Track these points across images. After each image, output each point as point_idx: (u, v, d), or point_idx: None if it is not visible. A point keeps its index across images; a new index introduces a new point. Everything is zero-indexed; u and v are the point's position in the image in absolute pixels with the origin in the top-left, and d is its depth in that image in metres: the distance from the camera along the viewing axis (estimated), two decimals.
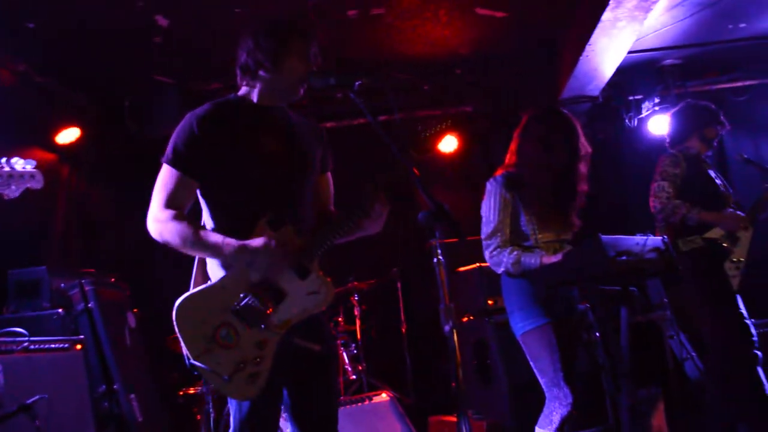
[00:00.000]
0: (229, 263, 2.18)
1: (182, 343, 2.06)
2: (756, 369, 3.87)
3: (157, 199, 2.22)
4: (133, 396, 4.22)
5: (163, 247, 2.24)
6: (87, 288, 4.30)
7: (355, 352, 5.38)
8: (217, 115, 2.28)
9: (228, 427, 4.19)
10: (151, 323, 4.99)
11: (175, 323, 2.07)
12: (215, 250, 2.16)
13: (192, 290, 2.18)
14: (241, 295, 2.13)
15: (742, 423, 4.07)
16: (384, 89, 2.38)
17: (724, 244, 3.97)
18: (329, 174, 2.57)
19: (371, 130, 2.23)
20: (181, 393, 4.74)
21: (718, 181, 4.16)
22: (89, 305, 4.27)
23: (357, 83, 2.27)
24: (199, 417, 4.61)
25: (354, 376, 5.24)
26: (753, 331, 3.94)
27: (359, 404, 4.31)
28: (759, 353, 3.92)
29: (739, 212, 4.02)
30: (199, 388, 4.63)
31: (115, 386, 4.15)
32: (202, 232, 2.18)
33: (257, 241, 2.13)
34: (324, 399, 2.33)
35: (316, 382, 2.31)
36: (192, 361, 2.05)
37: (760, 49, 6.13)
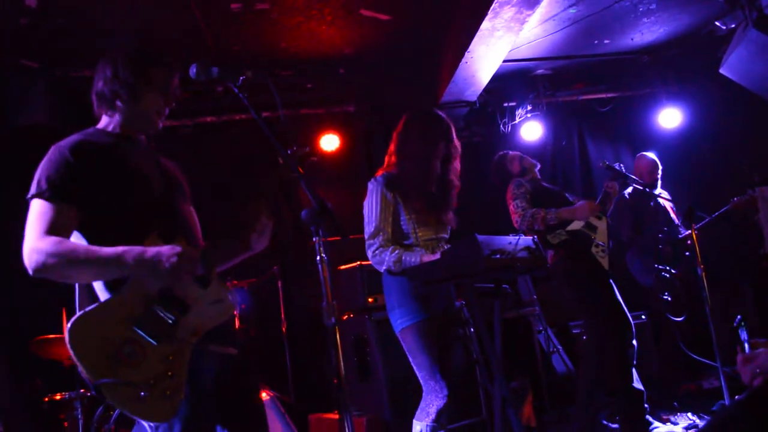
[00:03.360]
0: (127, 275, 2.03)
1: (81, 368, 1.86)
2: (631, 359, 4.15)
3: (34, 230, 2.02)
4: None
5: (21, 244, 2.06)
6: None
7: None
8: (87, 143, 2.17)
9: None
10: (12, 325, 4.66)
11: (70, 346, 1.86)
12: (114, 263, 2.00)
13: (87, 308, 1.98)
14: (143, 308, 1.99)
15: (607, 410, 4.37)
16: (267, 85, 2.35)
17: (587, 233, 4.27)
18: (192, 208, 2.50)
19: (252, 125, 2.21)
20: (47, 399, 4.45)
21: (556, 189, 4.58)
22: None
23: (241, 77, 2.25)
24: (66, 424, 4.34)
25: None
26: (631, 320, 4.21)
27: None
28: (635, 344, 4.21)
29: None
30: (67, 393, 4.37)
31: None
32: (94, 248, 2.02)
33: (164, 248, 2.03)
34: (252, 401, 2.32)
35: (240, 386, 2.27)
36: (96, 382, 1.84)
37: (622, 64, 6.62)
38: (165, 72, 2.28)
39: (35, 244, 2.00)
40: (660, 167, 5.72)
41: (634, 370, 4.15)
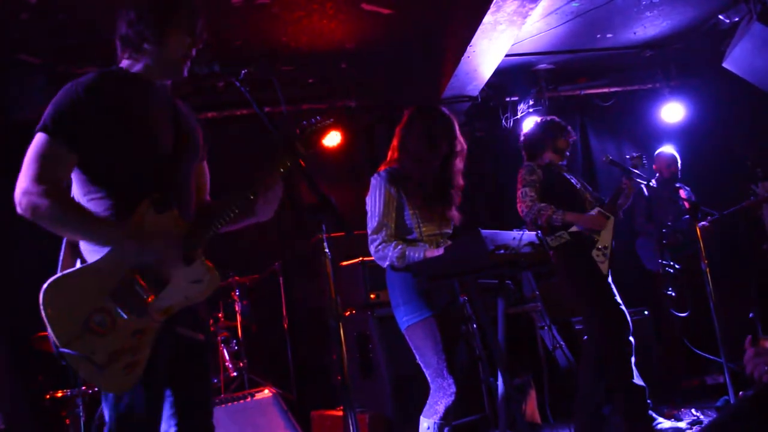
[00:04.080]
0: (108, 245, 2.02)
1: (49, 329, 1.88)
2: (629, 356, 4.14)
3: (30, 170, 1.99)
4: None
5: (23, 239, 2.06)
6: None
7: (236, 348, 5.27)
8: (104, 84, 2.11)
9: (100, 430, 3.98)
10: (13, 322, 4.65)
11: (42, 306, 1.88)
12: (100, 237, 2.01)
13: (63, 272, 2.00)
14: (120, 279, 1.99)
15: (608, 406, 4.35)
16: (269, 80, 2.32)
17: (591, 234, 4.21)
18: (205, 163, 2.48)
19: (254, 120, 2.20)
20: (48, 396, 4.43)
21: (574, 182, 4.46)
22: None
23: (243, 71, 2.23)
24: (68, 421, 4.32)
25: (235, 373, 5.13)
26: (628, 318, 4.19)
27: (241, 401, 4.23)
28: (632, 340, 4.19)
29: (596, 209, 4.26)
30: (68, 390, 4.35)
31: None
32: (85, 213, 2.03)
33: (150, 229, 2.02)
34: (203, 388, 2.28)
35: (196, 372, 2.24)
36: (61, 348, 1.87)
37: (625, 58, 6.59)
38: (189, 12, 2.24)
39: (30, 186, 1.98)
40: (679, 161, 5.77)
41: (634, 367, 4.14)
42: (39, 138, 2.03)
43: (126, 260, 2.01)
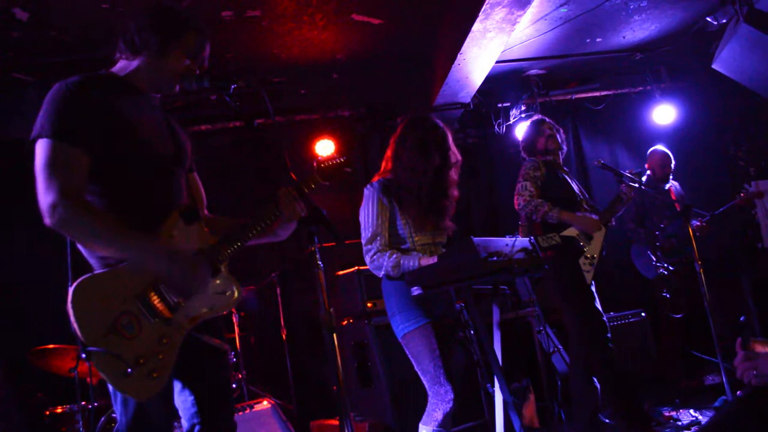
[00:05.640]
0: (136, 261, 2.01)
1: (77, 328, 1.86)
2: (611, 363, 4.17)
3: (53, 182, 1.92)
4: None
5: (16, 255, 2.06)
6: None
7: (234, 360, 5.26)
8: (92, 83, 2.08)
9: None
10: (10, 337, 4.64)
11: (70, 305, 1.86)
12: (130, 247, 1.98)
13: (95, 272, 1.99)
14: (150, 285, 2.00)
15: (607, 410, 4.37)
16: (260, 93, 2.35)
17: (581, 243, 4.24)
18: (197, 176, 2.49)
19: (246, 133, 2.22)
20: (48, 413, 4.43)
21: (573, 186, 4.50)
22: None
23: (232, 86, 2.25)
24: None
25: (234, 385, 5.13)
26: (607, 326, 4.23)
27: (240, 413, 4.23)
28: (611, 346, 4.22)
29: (593, 215, 4.32)
30: (68, 406, 4.35)
31: None
32: (118, 225, 1.99)
33: (186, 257, 2.04)
34: (224, 389, 2.31)
35: (217, 373, 2.27)
36: (89, 347, 1.85)
37: (615, 62, 6.63)
38: (198, 37, 2.27)
39: (57, 200, 1.91)
40: (672, 161, 5.75)
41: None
42: (46, 145, 1.96)
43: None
